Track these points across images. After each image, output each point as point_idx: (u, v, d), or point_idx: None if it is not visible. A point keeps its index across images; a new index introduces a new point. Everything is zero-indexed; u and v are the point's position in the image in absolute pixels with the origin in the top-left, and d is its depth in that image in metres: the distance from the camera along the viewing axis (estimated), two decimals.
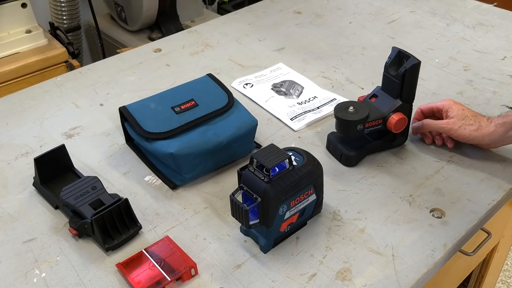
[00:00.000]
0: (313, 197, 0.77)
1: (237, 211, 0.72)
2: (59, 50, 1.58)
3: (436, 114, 0.97)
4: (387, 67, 0.89)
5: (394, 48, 0.89)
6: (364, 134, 0.91)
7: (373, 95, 0.93)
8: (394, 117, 0.88)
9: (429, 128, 0.94)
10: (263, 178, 0.71)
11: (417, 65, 0.86)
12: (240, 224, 0.80)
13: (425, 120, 0.94)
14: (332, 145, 0.94)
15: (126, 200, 0.79)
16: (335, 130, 0.92)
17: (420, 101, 1.08)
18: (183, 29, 1.80)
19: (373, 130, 0.89)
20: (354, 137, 0.92)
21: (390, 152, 0.95)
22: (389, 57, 0.89)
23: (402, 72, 0.86)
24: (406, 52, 0.87)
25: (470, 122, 0.90)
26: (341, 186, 0.89)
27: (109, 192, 0.81)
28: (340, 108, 0.89)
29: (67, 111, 1.08)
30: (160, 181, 0.90)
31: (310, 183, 0.75)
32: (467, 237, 0.81)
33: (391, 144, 0.95)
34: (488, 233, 0.96)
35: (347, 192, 0.87)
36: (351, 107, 0.88)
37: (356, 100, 0.96)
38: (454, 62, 1.22)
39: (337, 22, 1.42)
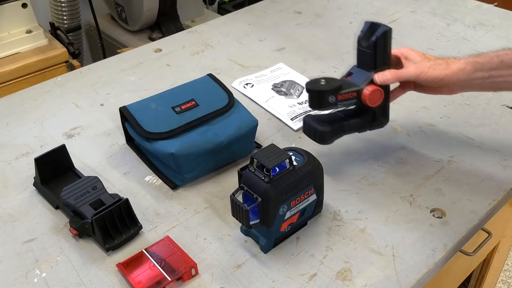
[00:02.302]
0: (313, 197, 0.77)
1: (237, 211, 0.72)
2: (60, 50, 1.58)
3: (395, 64, 0.88)
4: (359, 40, 0.86)
5: (366, 22, 0.86)
6: (340, 114, 0.87)
7: (349, 74, 0.88)
8: (368, 89, 0.83)
9: (398, 78, 0.85)
10: (263, 178, 0.71)
11: (387, 31, 0.83)
12: (240, 224, 0.80)
13: (391, 70, 0.85)
14: (307, 125, 0.87)
15: (127, 200, 0.79)
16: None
17: (421, 101, 1.09)
18: (183, 29, 1.80)
19: (348, 104, 0.84)
20: (330, 115, 0.88)
21: (390, 152, 0.95)
22: (361, 31, 0.86)
23: (373, 40, 0.83)
24: (377, 22, 0.84)
25: (438, 61, 0.83)
26: (341, 186, 0.89)
27: (109, 192, 0.81)
28: (311, 82, 0.85)
29: (68, 111, 1.08)
30: (160, 181, 0.90)
31: (310, 183, 0.75)
32: (467, 237, 0.81)
33: (371, 125, 0.89)
34: (489, 233, 0.96)
35: (348, 192, 0.87)
36: (322, 80, 0.84)
37: None
38: None
39: (337, 22, 1.42)
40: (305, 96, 1.10)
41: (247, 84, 1.15)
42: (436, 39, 1.32)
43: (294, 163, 0.74)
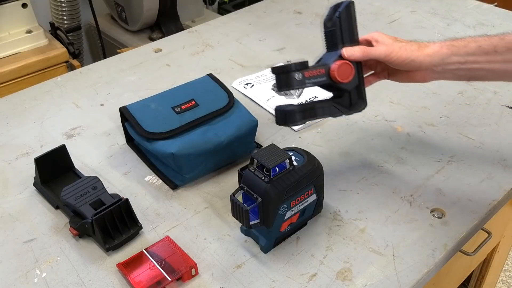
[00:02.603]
0: (313, 197, 0.77)
1: (237, 211, 0.72)
2: (60, 50, 1.58)
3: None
4: (324, 23, 0.83)
5: (330, 6, 0.83)
6: (314, 101, 0.82)
7: (319, 59, 0.84)
8: (336, 63, 0.78)
9: (367, 55, 0.79)
10: (263, 178, 0.71)
11: (349, 4, 0.81)
12: (240, 224, 0.80)
13: (360, 46, 0.80)
14: (278, 113, 0.81)
15: (127, 200, 0.79)
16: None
17: (421, 101, 1.09)
18: (183, 29, 1.80)
19: (316, 82, 0.79)
20: (303, 103, 0.83)
21: (390, 152, 0.95)
22: (326, 15, 0.83)
23: (337, 16, 0.80)
24: (340, 1, 0.82)
25: (410, 43, 0.79)
26: (341, 186, 0.89)
27: (109, 192, 0.81)
28: (277, 66, 0.80)
29: (68, 111, 1.08)
30: (160, 181, 0.90)
31: (310, 183, 0.75)
32: (467, 237, 0.81)
33: (348, 109, 0.83)
34: (489, 233, 0.96)
35: (348, 192, 0.87)
36: (288, 62, 0.79)
37: None
38: None
39: None
40: (304, 96, 1.10)
41: (247, 84, 1.15)
42: (436, 39, 1.32)
43: (294, 163, 0.74)
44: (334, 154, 0.96)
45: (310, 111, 0.81)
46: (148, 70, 1.21)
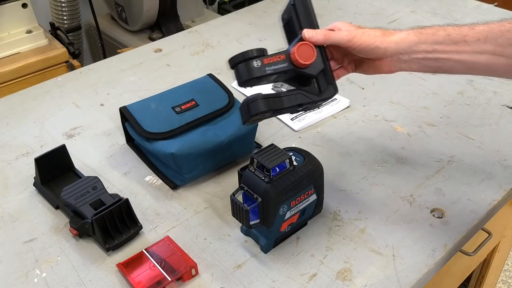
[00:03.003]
0: (313, 197, 0.77)
1: (237, 211, 0.72)
2: (60, 50, 1.58)
3: None
4: (282, 17, 0.80)
5: (287, 3, 0.80)
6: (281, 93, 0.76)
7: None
8: (296, 46, 0.73)
9: (329, 39, 0.75)
10: (263, 178, 0.71)
11: None
12: (240, 224, 0.80)
13: (322, 29, 0.76)
14: (243, 107, 0.74)
15: (127, 200, 0.79)
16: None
17: (421, 101, 1.09)
18: (183, 29, 1.80)
19: (277, 69, 0.74)
20: (261, 86, 0.78)
21: (390, 152, 0.95)
22: (283, 11, 0.81)
23: (291, 3, 0.77)
24: None
25: (374, 30, 0.75)
26: (341, 186, 0.89)
27: (109, 192, 0.81)
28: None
29: (68, 111, 1.08)
30: (160, 181, 0.90)
31: (310, 183, 0.75)
32: (467, 237, 0.81)
33: (318, 96, 0.76)
34: (489, 233, 0.96)
35: (348, 192, 0.87)
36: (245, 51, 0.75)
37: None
38: None
39: None
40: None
41: None
42: None
43: (294, 163, 0.74)
44: (334, 154, 0.96)
45: (275, 99, 0.74)
46: (148, 70, 1.21)
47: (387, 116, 1.05)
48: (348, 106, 1.07)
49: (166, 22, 1.97)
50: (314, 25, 0.77)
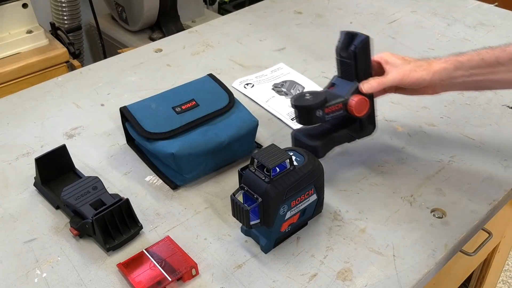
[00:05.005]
0: (314, 197, 0.77)
1: (238, 211, 0.72)
2: (60, 50, 1.58)
3: (376, 70, 0.89)
4: (338, 51, 0.86)
5: (342, 32, 0.86)
6: (328, 125, 0.87)
7: (331, 85, 0.88)
8: (354, 99, 0.83)
9: (383, 85, 0.85)
10: (263, 178, 0.71)
11: (366, 39, 0.83)
12: (240, 224, 0.80)
13: (375, 78, 0.85)
14: (297, 141, 0.87)
15: (127, 200, 0.79)
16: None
17: (421, 101, 1.09)
18: (184, 29, 1.80)
19: (335, 116, 0.84)
20: (318, 128, 0.88)
21: (390, 152, 0.95)
22: (338, 41, 0.86)
23: (352, 50, 0.83)
24: (353, 31, 0.85)
25: (419, 63, 0.84)
26: (342, 186, 0.89)
27: (110, 192, 0.81)
28: (297, 98, 0.84)
29: (68, 111, 1.08)
30: (161, 181, 0.90)
31: (311, 183, 0.75)
32: (468, 237, 0.81)
33: (359, 134, 0.90)
34: (489, 233, 0.96)
35: (348, 192, 0.87)
36: (307, 95, 0.84)
37: None
38: None
39: (338, 22, 1.42)
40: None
41: (247, 84, 1.16)
42: (437, 39, 1.32)
43: (295, 163, 0.74)
44: (334, 154, 0.96)
45: (329, 142, 0.87)
46: (148, 70, 1.21)
47: (387, 116, 1.05)
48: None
49: (166, 22, 1.97)
50: (369, 73, 0.87)
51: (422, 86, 0.85)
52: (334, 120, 0.86)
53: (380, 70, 0.88)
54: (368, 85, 0.84)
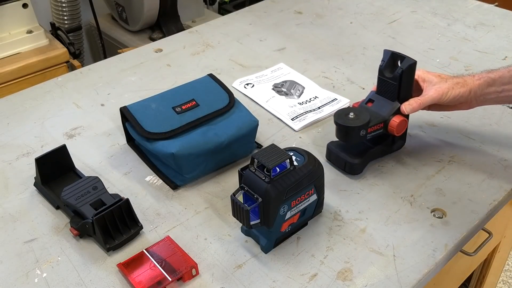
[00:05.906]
0: (314, 197, 0.77)
1: (238, 211, 0.72)
2: (60, 50, 1.58)
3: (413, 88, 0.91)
4: (381, 70, 0.88)
5: (386, 51, 0.88)
6: (367, 142, 0.90)
7: (369, 100, 0.91)
8: (396, 120, 0.87)
9: (423, 106, 0.88)
10: (264, 178, 0.71)
11: (413, 64, 0.86)
12: (241, 224, 0.80)
13: (415, 99, 0.88)
14: (334, 154, 0.91)
15: (127, 200, 0.79)
16: (335, 138, 0.89)
17: None
18: (184, 29, 1.80)
19: (375, 135, 0.88)
20: (358, 145, 0.91)
21: (391, 154, 0.95)
22: (382, 60, 0.88)
23: (399, 73, 0.85)
24: (399, 53, 0.87)
25: (455, 80, 0.88)
26: (342, 186, 0.89)
27: (110, 192, 0.81)
28: (340, 115, 0.86)
29: (68, 111, 1.08)
30: (161, 181, 0.90)
31: (311, 183, 0.75)
32: (468, 237, 0.81)
33: (391, 148, 0.94)
34: (489, 233, 0.96)
35: (348, 192, 0.87)
36: (351, 113, 0.86)
37: (351, 104, 0.94)
38: (455, 62, 1.22)
39: (338, 22, 1.42)
40: (305, 96, 1.11)
41: (247, 84, 1.16)
42: (437, 39, 1.32)
43: (295, 163, 0.74)
44: None
45: (366, 159, 0.91)
46: (148, 70, 1.21)
47: None
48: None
49: (166, 22, 1.97)
50: (410, 94, 0.89)
51: (459, 103, 0.89)
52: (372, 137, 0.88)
53: (416, 88, 0.91)
54: (410, 107, 0.87)
